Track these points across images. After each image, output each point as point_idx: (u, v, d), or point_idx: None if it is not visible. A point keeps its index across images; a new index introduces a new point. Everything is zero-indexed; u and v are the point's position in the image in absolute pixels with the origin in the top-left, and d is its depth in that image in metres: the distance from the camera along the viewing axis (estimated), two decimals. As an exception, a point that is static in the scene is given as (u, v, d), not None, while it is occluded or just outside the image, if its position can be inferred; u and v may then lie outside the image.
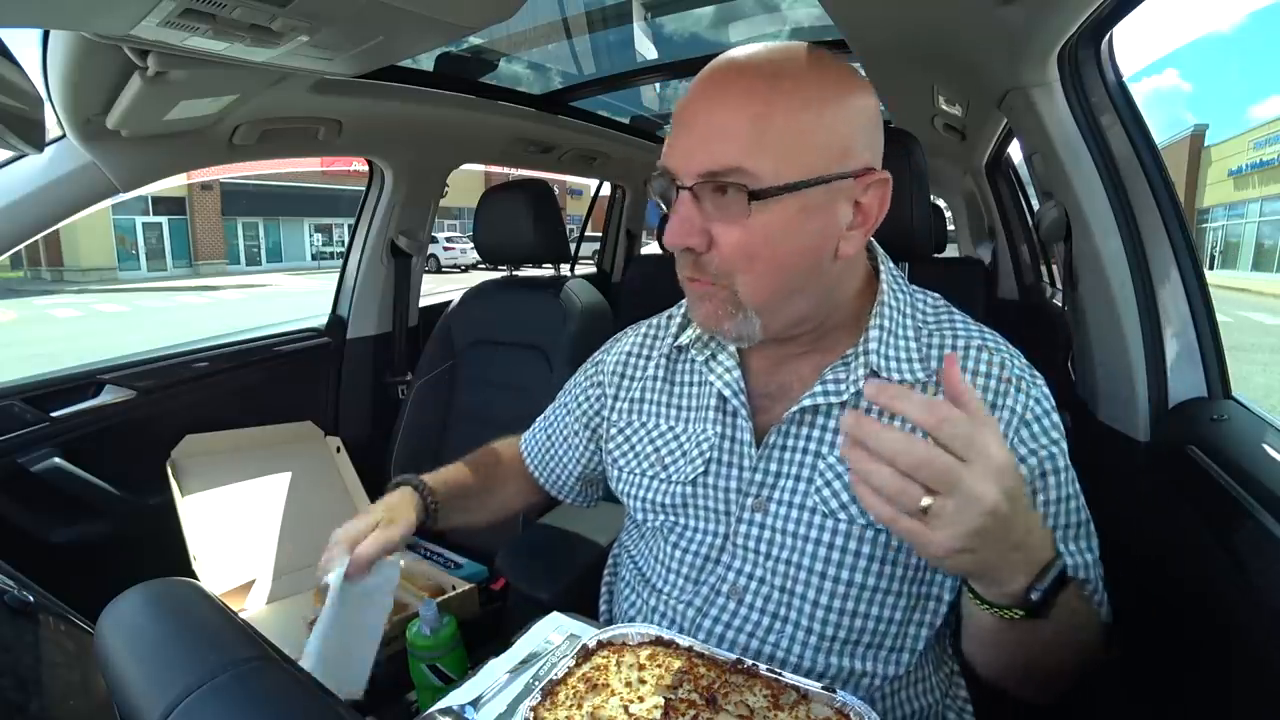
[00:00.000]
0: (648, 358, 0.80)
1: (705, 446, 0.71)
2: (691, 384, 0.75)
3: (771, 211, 0.56)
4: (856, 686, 0.66)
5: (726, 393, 0.69)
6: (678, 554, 0.73)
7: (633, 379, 0.80)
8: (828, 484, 0.64)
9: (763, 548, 0.68)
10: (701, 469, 0.70)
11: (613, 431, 0.80)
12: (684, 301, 0.80)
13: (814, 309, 0.64)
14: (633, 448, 0.78)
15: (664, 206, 0.63)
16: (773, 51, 0.58)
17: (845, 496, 0.63)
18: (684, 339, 0.75)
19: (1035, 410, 0.62)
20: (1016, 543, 0.48)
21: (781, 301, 0.61)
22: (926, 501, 0.43)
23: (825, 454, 0.65)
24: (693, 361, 0.75)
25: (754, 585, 0.68)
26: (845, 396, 0.64)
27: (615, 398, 0.81)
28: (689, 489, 0.71)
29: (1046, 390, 0.65)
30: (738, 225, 0.57)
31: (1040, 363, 0.70)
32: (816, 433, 0.66)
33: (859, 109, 0.59)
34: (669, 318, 0.81)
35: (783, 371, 0.69)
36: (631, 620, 0.77)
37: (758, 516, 0.68)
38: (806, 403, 0.65)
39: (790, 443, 0.67)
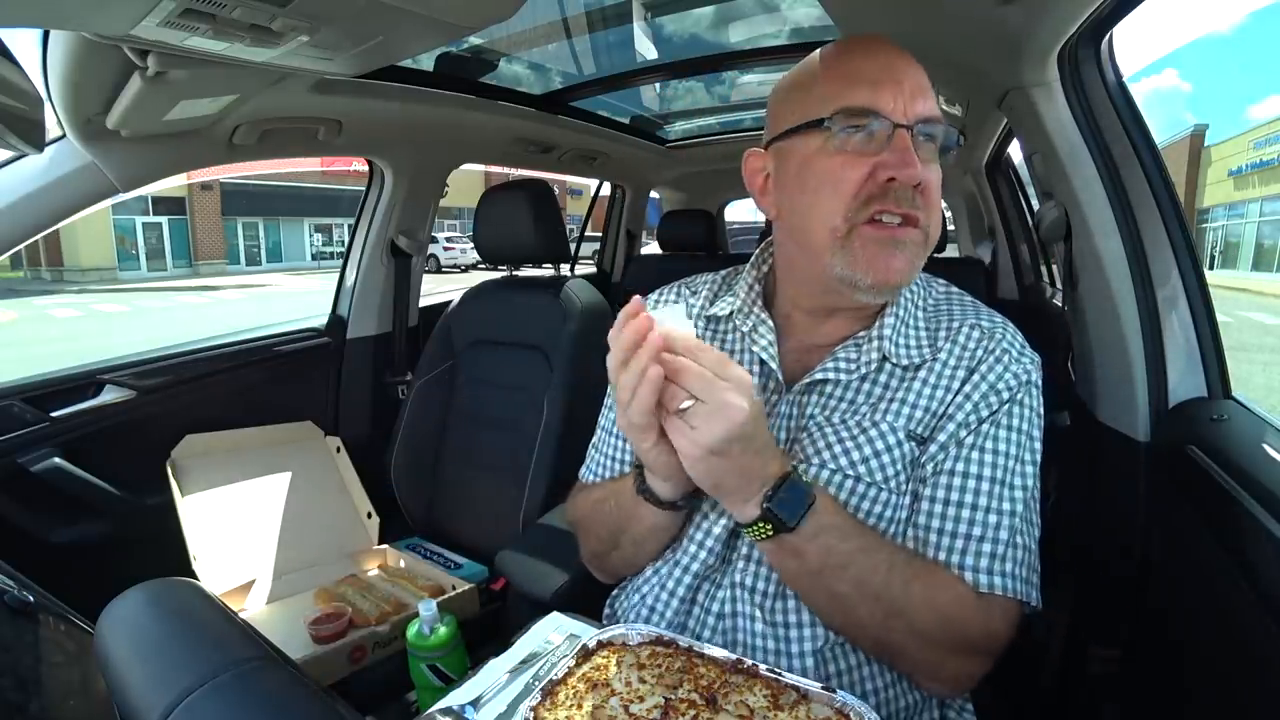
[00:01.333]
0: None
1: None
2: (730, 352, 0.77)
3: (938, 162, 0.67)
4: (850, 674, 0.67)
5: (765, 356, 0.74)
6: (698, 535, 0.72)
7: None
8: (810, 439, 0.69)
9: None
10: None
11: None
12: (704, 276, 0.85)
13: None
14: None
15: (835, 145, 0.65)
16: None
17: (820, 444, 0.68)
18: (718, 310, 0.79)
19: (1009, 381, 0.67)
20: (756, 458, 0.57)
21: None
22: (687, 404, 0.54)
23: (815, 415, 0.71)
24: (730, 331, 0.78)
25: (752, 567, 0.69)
26: (854, 375, 0.70)
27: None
28: None
29: (1032, 367, 0.69)
30: (935, 167, 0.66)
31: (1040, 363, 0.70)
32: (818, 398, 0.71)
33: None
34: (694, 294, 0.84)
35: (808, 354, 0.74)
36: (643, 603, 0.76)
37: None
38: (819, 375, 0.70)
39: (795, 410, 0.71)
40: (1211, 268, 18.84)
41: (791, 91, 0.71)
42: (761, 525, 0.59)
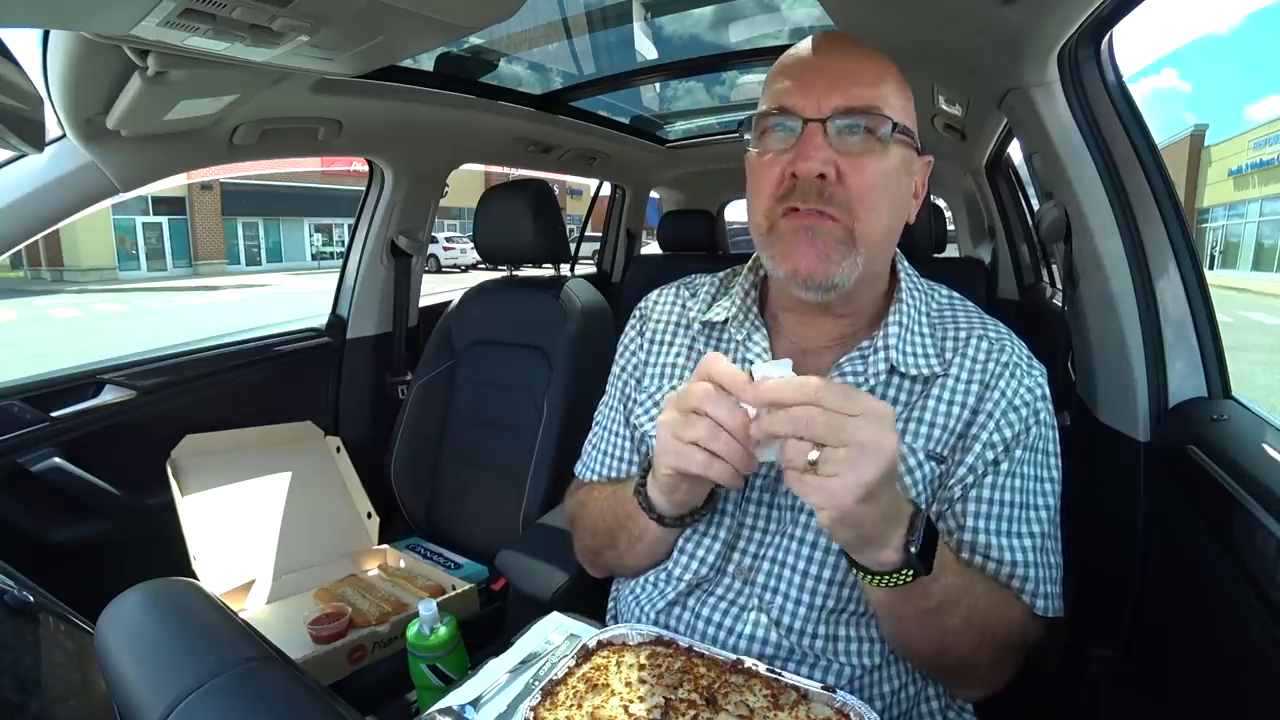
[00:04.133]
0: (682, 326, 0.82)
1: None
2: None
3: (890, 154, 0.63)
4: (849, 654, 0.67)
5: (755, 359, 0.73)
6: (699, 525, 0.72)
7: (668, 345, 0.82)
8: None
9: (770, 525, 0.70)
10: None
11: (642, 398, 0.81)
12: (703, 277, 0.84)
13: (875, 277, 0.70)
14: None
15: (758, 147, 0.66)
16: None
17: None
18: (714, 315, 0.78)
19: (1025, 396, 0.67)
20: (897, 498, 0.52)
21: (879, 248, 0.66)
22: (814, 455, 0.48)
23: None
24: (726, 339, 0.77)
25: (756, 563, 0.70)
26: (864, 389, 0.68)
27: (647, 363, 0.82)
28: None
29: (1043, 379, 0.69)
30: (869, 159, 0.63)
31: (1040, 363, 0.71)
32: None
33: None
34: (693, 295, 0.83)
35: (805, 363, 0.72)
36: (641, 607, 0.76)
37: (767, 496, 0.70)
38: None
39: None
40: (1211, 268, 18.84)
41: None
42: (901, 572, 0.53)
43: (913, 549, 0.52)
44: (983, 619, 0.61)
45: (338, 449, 1.68)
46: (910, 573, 0.53)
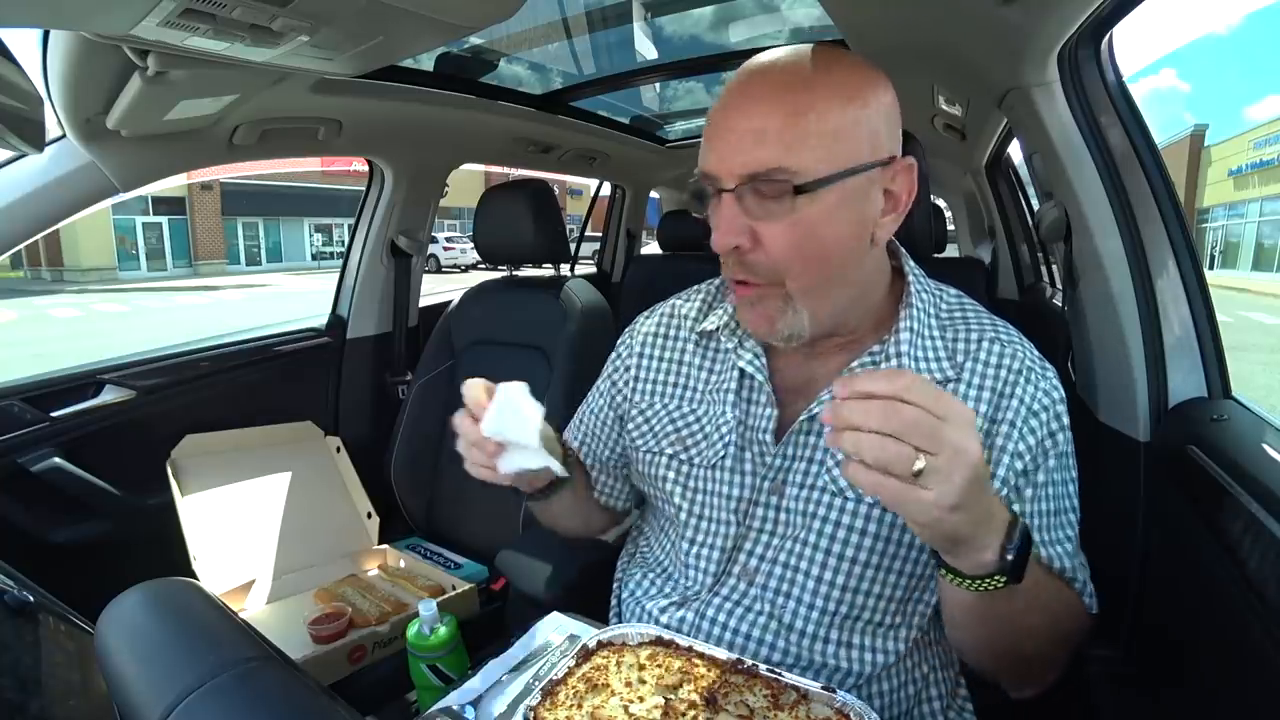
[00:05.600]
0: (672, 339, 0.81)
1: (725, 430, 0.72)
2: (711, 369, 0.77)
3: (814, 204, 0.59)
4: (857, 676, 0.67)
5: (751, 370, 0.71)
6: (695, 548, 0.73)
7: (656, 359, 0.82)
8: (838, 464, 0.65)
9: (778, 529, 0.69)
10: (723, 454, 0.72)
11: (634, 413, 0.81)
12: (698, 287, 0.84)
13: (853, 302, 0.67)
14: (652, 429, 0.79)
15: (700, 213, 0.65)
16: (799, 53, 0.61)
17: None
18: (708, 325, 0.77)
19: (1043, 400, 0.65)
20: (989, 501, 0.49)
21: (826, 293, 0.64)
22: (920, 464, 0.44)
23: None
24: (718, 348, 0.77)
25: (764, 566, 0.69)
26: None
27: (638, 379, 0.82)
28: (710, 473, 0.73)
29: (1056, 381, 0.68)
30: (783, 221, 0.59)
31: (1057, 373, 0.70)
32: None
33: (884, 102, 0.61)
34: (686, 302, 0.83)
35: (811, 366, 0.71)
36: (643, 607, 0.77)
37: (774, 499, 0.70)
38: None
39: (811, 435, 0.69)
40: (1211, 267, 18.84)
41: None
42: (994, 578, 0.51)
43: (1009, 555, 0.50)
44: (1055, 615, 0.62)
45: (338, 449, 1.68)
46: (1003, 579, 0.51)
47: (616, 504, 0.90)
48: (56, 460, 1.30)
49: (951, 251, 3.65)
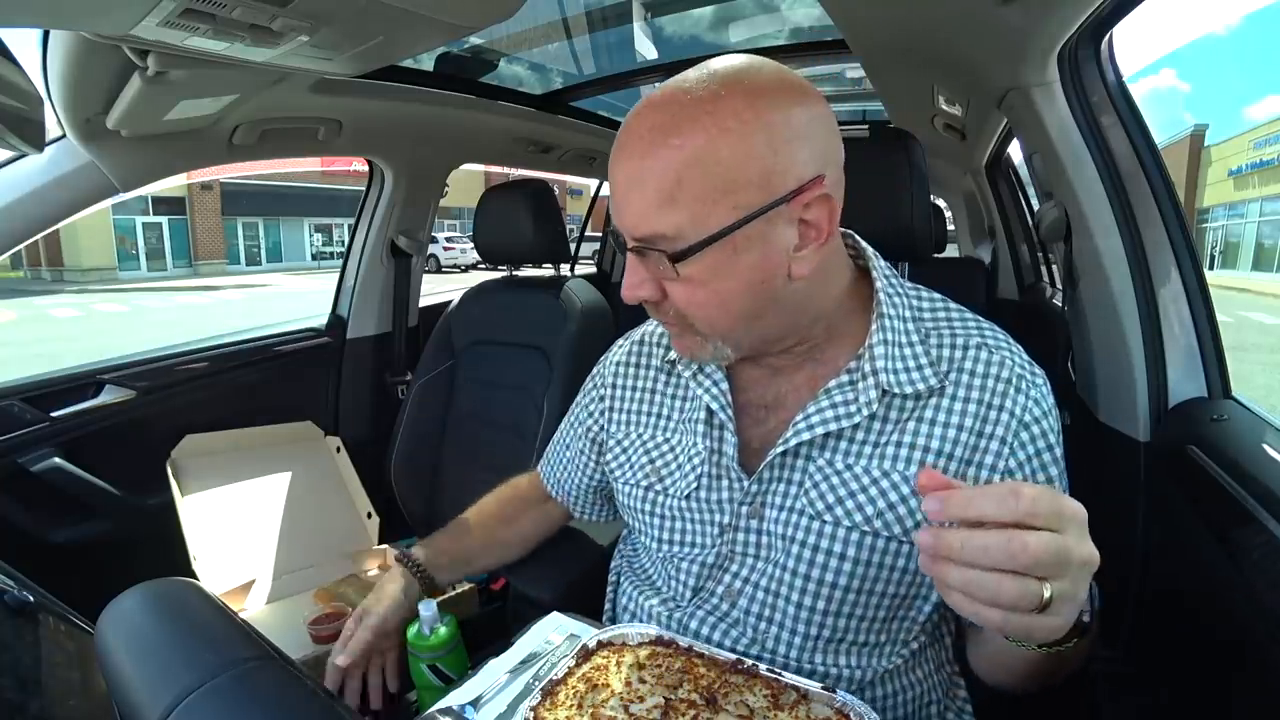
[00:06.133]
0: (643, 368, 0.80)
1: (696, 460, 0.71)
2: (685, 397, 0.75)
3: (701, 262, 0.55)
4: (848, 683, 0.66)
5: (714, 406, 0.69)
6: (676, 561, 0.73)
7: (629, 389, 0.81)
8: (815, 485, 0.65)
9: (760, 551, 0.68)
10: (694, 484, 0.70)
11: (610, 443, 0.81)
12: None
13: (786, 328, 0.64)
14: (629, 460, 0.78)
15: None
16: (682, 88, 0.55)
17: (831, 499, 0.63)
18: (672, 354, 0.76)
19: (1034, 412, 0.62)
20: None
21: (744, 329, 0.61)
22: (1049, 593, 0.39)
23: (815, 457, 0.65)
24: (680, 376, 0.75)
25: (747, 589, 0.68)
26: (857, 419, 0.62)
27: (612, 408, 0.81)
28: (684, 503, 0.72)
29: (1046, 389, 0.64)
30: (677, 281, 0.58)
31: (1040, 363, 0.70)
32: (818, 451, 0.65)
33: (794, 124, 0.54)
34: (657, 327, 0.80)
35: (778, 382, 0.69)
36: (633, 618, 0.77)
37: (754, 523, 0.68)
38: (820, 430, 0.63)
39: (789, 455, 0.66)
40: (1211, 268, 18.82)
41: None
42: (1066, 644, 0.47)
43: (1085, 618, 0.47)
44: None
45: (338, 449, 1.68)
46: (1076, 639, 0.47)
47: (603, 518, 0.94)
48: (56, 460, 1.30)
49: (951, 251, 3.65)
